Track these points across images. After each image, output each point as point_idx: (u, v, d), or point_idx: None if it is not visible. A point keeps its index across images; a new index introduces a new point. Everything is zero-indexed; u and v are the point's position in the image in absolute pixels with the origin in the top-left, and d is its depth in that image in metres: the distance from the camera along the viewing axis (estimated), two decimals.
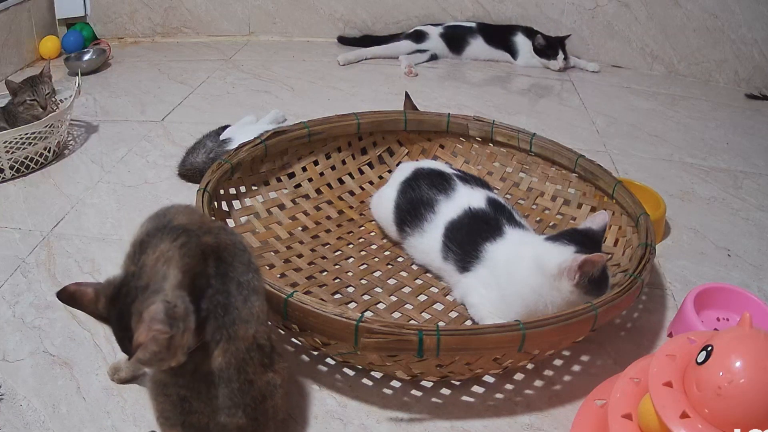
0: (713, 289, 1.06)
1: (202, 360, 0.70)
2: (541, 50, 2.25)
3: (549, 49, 2.24)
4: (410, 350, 0.80)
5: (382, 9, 2.45)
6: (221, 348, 0.71)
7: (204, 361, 0.71)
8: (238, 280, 0.74)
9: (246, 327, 0.73)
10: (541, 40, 2.24)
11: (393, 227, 1.18)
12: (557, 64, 2.25)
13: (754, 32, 2.16)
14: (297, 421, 0.87)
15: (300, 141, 1.27)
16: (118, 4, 2.45)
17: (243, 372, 0.72)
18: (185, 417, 0.71)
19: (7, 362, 0.95)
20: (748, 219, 1.41)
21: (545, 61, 2.26)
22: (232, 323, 0.72)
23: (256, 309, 0.75)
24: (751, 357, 0.64)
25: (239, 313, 0.73)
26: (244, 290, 0.74)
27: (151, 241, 0.70)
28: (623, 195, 1.14)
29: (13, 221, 1.30)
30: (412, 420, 0.88)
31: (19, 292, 1.09)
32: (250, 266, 0.76)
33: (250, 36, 2.53)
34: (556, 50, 2.24)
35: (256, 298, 0.75)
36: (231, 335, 0.71)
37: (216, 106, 1.88)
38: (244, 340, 0.72)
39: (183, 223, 0.73)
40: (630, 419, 0.72)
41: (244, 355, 0.72)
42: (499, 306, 0.99)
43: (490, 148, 1.37)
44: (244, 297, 0.74)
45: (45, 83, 1.55)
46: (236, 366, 0.72)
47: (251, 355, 0.73)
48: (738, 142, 1.79)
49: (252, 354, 0.73)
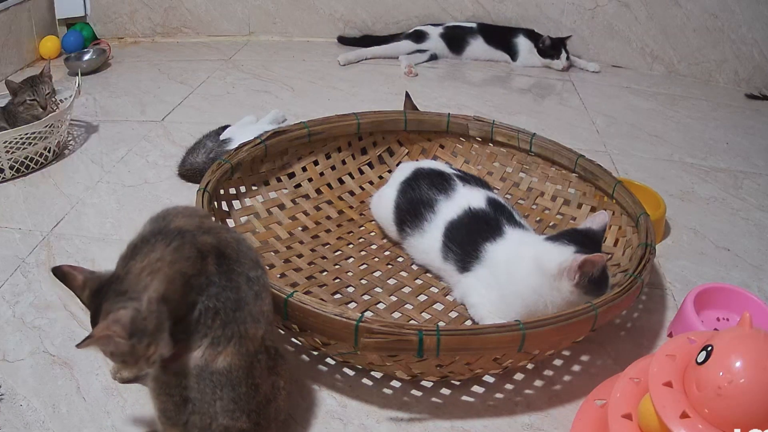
0: (713, 289, 1.06)
1: (208, 360, 0.70)
2: (545, 51, 2.27)
3: (553, 49, 2.26)
4: (410, 350, 0.80)
5: (382, 9, 2.45)
6: (231, 348, 0.70)
7: (210, 361, 0.70)
8: (247, 275, 0.73)
9: (256, 327, 0.73)
10: (547, 41, 2.26)
11: (393, 227, 1.18)
12: (561, 64, 2.27)
13: (754, 32, 2.16)
14: (297, 421, 0.87)
15: (300, 141, 1.27)
16: (118, 4, 2.45)
17: (250, 376, 0.72)
18: (187, 417, 0.71)
19: (7, 362, 0.95)
20: (748, 219, 1.41)
21: (549, 61, 2.28)
22: (243, 321, 0.71)
23: (266, 307, 0.75)
24: (751, 357, 0.64)
25: (250, 309, 0.72)
26: (254, 286, 0.73)
27: (143, 248, 0.70)
28: (623, 195, 1.14)
29: (13, 221, 1.30)
30: (412, 420, 0.88)
31: (19, 292, 1.09)
32: (258, 264, 0.76)
33: (250, 36, 2.53)
34: (559, 50, 2.26)
35: (266, 295, 0.75)
36: (242, 333, 0.71)
37: (216, 106, 1.88)
38: (253, 340, 0.72)
39: (180, 225, 0.73)
40: (630, 419, 0.72)
41: (252, 359, 0.72)
42: (499, 306, 0.99)
43: (490, 148, 1.37)
44: (255, 293, 0.73)
45: (45, 83, 1.55)
46: (245, 369, 0.71)
47: (259, 358, 0.73)
48: (738, 142, 1.79)
49: (260, 357, 0.73)
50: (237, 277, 0.73)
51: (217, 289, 0.71)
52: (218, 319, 0.70)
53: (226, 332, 0.70)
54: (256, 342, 0.72)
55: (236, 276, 0.73)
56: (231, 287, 0.72)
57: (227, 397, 0.71)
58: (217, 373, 0.70)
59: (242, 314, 0.71)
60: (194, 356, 0.70)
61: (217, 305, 0.70)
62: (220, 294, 0.71)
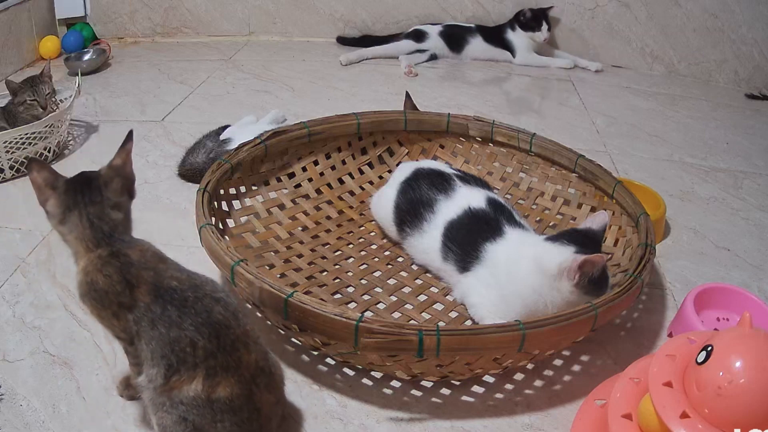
0: (713, 289, 1.06)
1: (208, 392, 0.69)
2: (526, 23, 2.26)
3: (533, 21, 2.25)
4: (410, 350, 0.80)
5: (382, 9, 2.45)
6: (228, 380, 0.70)
7: (210, 392, 0.69)
8: (212, 297, 0.73)
9: (248, 353, 0.72)
10: (528, 13, 2.24)
11: (393, 227, 1.18)
12: (542, 36, 2.26)
13: (754, 32, 2.16)
14: (297, 421, 0.87)
15: (300, 141, 1.27)
16: (118, 4, 2.45)
17: (251, 401, 0.72)
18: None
19: (7, 362, 0.95)
20: (748, 219, 1.41)
21: (531, 34, 2.27)
22: (234, 349, 0.71)
23: (250, 328, 0.74)
24: (751, 357, 0.64)
25: (235, 332, 0.72)
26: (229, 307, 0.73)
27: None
28: (623, 195, 1.14)
29: (13, 221, 1.30)
30: (412, 420, 0.88)
31: (19, 292, 1.09)
32: (218, 289, 0.76)
33: (250, 36, 2.53)
34: (540, 22, 2.24)
35: (242, 316, 0.75)
36: (235, 364, 0.70)
37: (216, 106, 1.88)
38: (247, 368, 0.72)
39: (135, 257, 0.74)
40: (630, 419, 0.72)
41: (251, 385, 0.72)
42: (499, 306, 0.99)
43: (490, 148, 1.37)
44: (233, 314, 0.73)
45: (45, 83, 1.55)
46: (245, 396, 0.71)
47: (257, 382, 0.73)
48: (738, 142, 1.79)
49: (258, 381, 0.73)
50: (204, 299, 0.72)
51: (155, 320, 0.70)
52: (200, 347, 0.70)
53: (221, 363, 0.70)
54: (250, 368, 0.72)
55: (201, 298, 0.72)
56: (167, 322, 0.70)
57: (229, 422, 0.70)
58: (218, 401, 0.70)
59: (229, 340, 0.71)
60: (193, 387, 0.69)
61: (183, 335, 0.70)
62: (171, 327, 0.70)
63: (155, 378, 0.71)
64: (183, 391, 0.69)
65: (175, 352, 0.69)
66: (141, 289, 0.71)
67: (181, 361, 0.69)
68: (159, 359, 0.70)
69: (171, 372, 0.70)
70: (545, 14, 2.26)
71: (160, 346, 0.70)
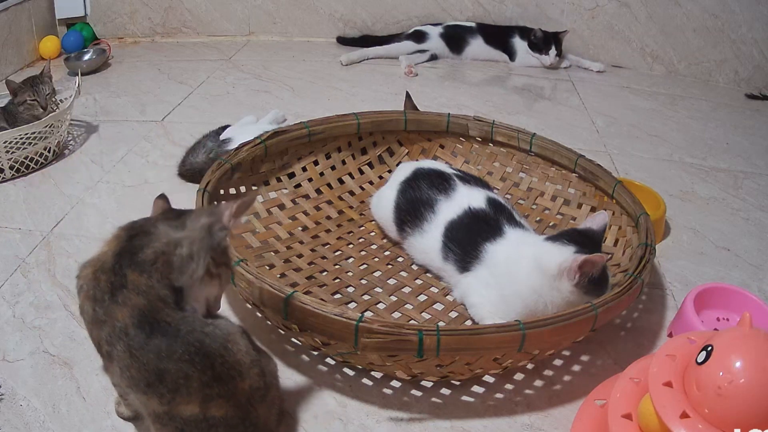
0: (713, 289, 1.06)
1: (205, 412, 0.68)
2: (536, 44, 2.24)
3: (543, 43, 2.23)
4: (410, 350, 0.80)
5: (382, 9, 2.45)
6: (224, 405, 0.69)
7: (205, 411, 0.68)
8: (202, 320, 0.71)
9: (242, 379, 0.70)
10: (539, 34, 2.22)
11: (393, 227, 1.18)
12: (548, 60, 2.24)
13: (754, 32, 2.16)
14: (297, 421, 0.87)
15: (300, 141, 1.27)
16: (118, 4, 2.45)
17: (247, 419, 0.71)
18: None
19: (7, 362, 0.95)
20: (748, 219, 1.41)
21: (537, 55, 2.25)
22: (229, 377, 0.69)
23: (242, 352, 0.72)
24: (751, 357, 0.64)
25: (226, 360, 0.70)
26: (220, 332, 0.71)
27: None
28: (623, 195, 1.14)
29: (13, 221, 1.30)
30: (412, 420, 0.88)
31: (19, 292, 1.09)
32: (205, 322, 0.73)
33: (250, 36, 2.53)
34: (549, 45, 2.22)
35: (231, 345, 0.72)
36: (230, 392, 0.69)
37: (216, 106, 1.88)
38: (241, 393, 0.71)
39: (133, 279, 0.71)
40: (630, 419, 0.72)
41: (246, 408, 0.71)
42: (499, 306, 0.99)
43: (490, 148, 1.37)
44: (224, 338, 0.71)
45: (45, 83, 1.55)
46: (241, 417, 0.70)
47: (251, 402, 0.72)
48: (738, 142, 1.79)
49: (253, 401, 0.72)
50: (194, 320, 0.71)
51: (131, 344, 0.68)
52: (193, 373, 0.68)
53: (213, 388, 0.68)
54: (244, 394, 0.71)
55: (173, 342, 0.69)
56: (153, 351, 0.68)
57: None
58: (213, 418, 0.69)
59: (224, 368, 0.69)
60: (189, 409, 0.68)
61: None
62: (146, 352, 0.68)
63: (148, 403, 0.69)
64: (180, 411, 0.69)
65: (165, 383, 0.67)
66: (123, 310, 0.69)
67: (174, 390, 0.68)
68: (145, 387, 0.68)
69: (165, 402, 0.68)
70: (557, 39, 2.22)
71: (144, 376, 0.68)
